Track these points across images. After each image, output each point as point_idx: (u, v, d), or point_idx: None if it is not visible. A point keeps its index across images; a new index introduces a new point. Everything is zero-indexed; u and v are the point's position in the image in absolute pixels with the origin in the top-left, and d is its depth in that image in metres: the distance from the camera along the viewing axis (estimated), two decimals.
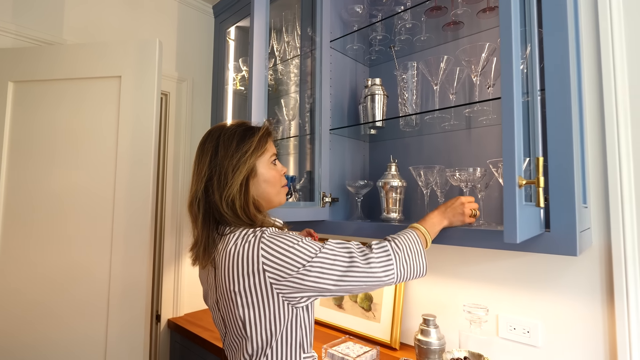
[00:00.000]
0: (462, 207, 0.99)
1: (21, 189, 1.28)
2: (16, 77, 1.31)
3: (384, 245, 0.85)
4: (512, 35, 0.67)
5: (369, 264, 0.81)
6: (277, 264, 0.79)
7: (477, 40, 1.30)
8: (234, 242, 0.82)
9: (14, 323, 1.24)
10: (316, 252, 0.80)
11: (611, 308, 1.04)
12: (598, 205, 1.08)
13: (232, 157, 0.87)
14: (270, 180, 0.92)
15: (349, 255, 0.82)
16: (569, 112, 0.83)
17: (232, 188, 0.85)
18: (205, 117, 2.04)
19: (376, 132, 1.50)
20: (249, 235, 0.82)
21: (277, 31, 1.75)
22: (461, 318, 1.31)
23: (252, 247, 0.80)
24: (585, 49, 1.12)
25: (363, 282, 0.81)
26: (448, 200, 1.03)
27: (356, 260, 0.81)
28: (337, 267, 0.80)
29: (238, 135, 0.89)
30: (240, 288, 0.81)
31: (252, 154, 0.88)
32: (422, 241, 0.91)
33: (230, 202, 0.85)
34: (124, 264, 1.22)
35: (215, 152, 0.88)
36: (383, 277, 0.82)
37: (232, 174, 0.86)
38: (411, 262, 0.86)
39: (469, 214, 0.99)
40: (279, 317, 0.83)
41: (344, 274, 0.80)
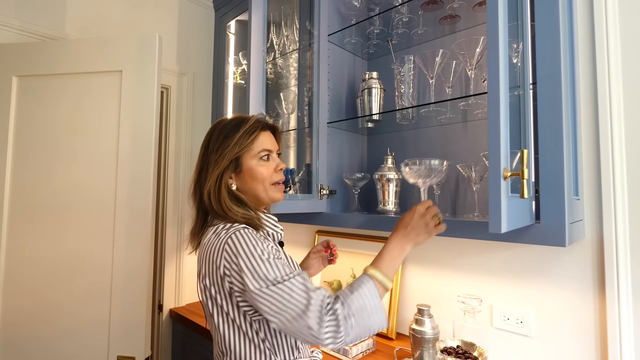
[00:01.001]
0: (422, 220, 0.86)
1: (26, 182, 1.31)
2: (20, 71, 1.34)
3: (336, 314, 0.73)
4: (499, 28, 0.68)
5: (319, 329, 0.71)
6: (234, 273, 0.77)
7: (473, 33, 1.30)
8: (209, 237, 0.84)
9: (19, 314, 1.28)
10: (271, 282, 0.74)
11: (602, 298, 1.06)
12: (591, 198, 1.09)
13: (217, 152, 0.89)
14: (256, 177, 0.90)
15: (305, 305, 0.72)
16: (559, 106, 0.85)
17: (210, 182, 0.88)
18: (206, 111, 2.06)
19: (373, 126, 1.52)
20: (222, 231, 0.82)
21: (277, 25, 1.76)
22: (456, 308, 1.33)
23: (218, 246, 0.80)
24: (580, 42, 1.12)
25: (307, 339, 0.73)
26: (404, 215, 0.89)
27: (309, 317, 0.71)
28: (287, 310, 0.72)
29: (227, 129, 0.91)
30: (207, 281, 0.82)
31: (232, 149, 0.88)
32: (381, 291, 0.79)
33: (207, 195, 0.88)
34: (125, 255, 1.25)
35: (207, 146, 0.92)
36: (328, 345, 0.72)
37: (212, 167, 0.88)
38: (365, 324, 0.75)
39: (434, 224, 0.88)
40: (243, 320, 0.82)
41: (291, 320, 0.72)
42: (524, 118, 0.90)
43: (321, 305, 0.72)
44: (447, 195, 1.37)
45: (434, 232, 0.87)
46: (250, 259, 0.76)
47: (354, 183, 1.44)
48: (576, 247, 1.11)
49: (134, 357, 1.22)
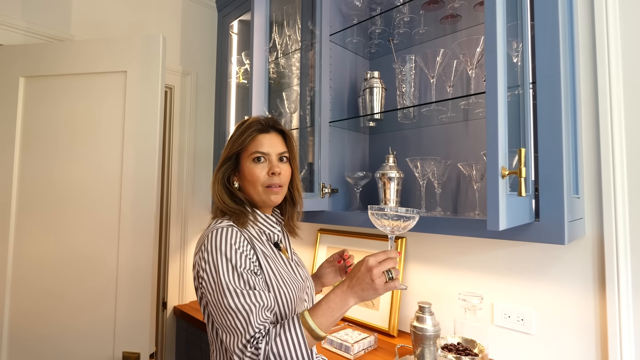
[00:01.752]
0: (368, 275, 0.76)
1: (33, 180, 1.34)
2: (27, 72, 1.36)
3: (258, 352, 0.72)
4: (497, 28, 0.69)
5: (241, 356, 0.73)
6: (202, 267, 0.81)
7: (474, 33, 1.31)
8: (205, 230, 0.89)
9: (27, 311, 1.31)
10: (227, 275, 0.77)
11: (603, 296, 1.07)
12: (591, 196, 1.10)
13: (224, 148, 0.96)
14: (247, 178, 0.91)
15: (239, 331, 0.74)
16: (558, 105, 0.85)
17: (213, 180, 0.94)
18: (209, 110, 2.08)
19: (375, 125, 1.53)
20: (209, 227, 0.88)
21: (279, 25, 1.77)
22: (457, 306, 1.34)
23: (200, 242, 0.85)
24: (581, 40, 1.13)
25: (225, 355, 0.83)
26: (356, 264, 0.81)
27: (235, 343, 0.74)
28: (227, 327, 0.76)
29: (240, 128, 0.95)
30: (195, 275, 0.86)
31: (230, 146, 0.93)
32: (310, 340, 0.75)
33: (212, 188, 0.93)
34: (130, 253, 1.27)
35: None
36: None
37: (219, 161, 0.95)
38: None
39: (384, 280, 0.77)
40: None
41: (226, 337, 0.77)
42: (524, 117, 0.91)
43: (250, 339, 0.73)
44: (448, 193, 1.38)
45: (382, 290, 0.76)
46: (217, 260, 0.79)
47: (356, 182, 1.45)
48: (576, 245, 1.12)
49: (139, 353, 1.24)
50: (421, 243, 1.47)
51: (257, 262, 0.85)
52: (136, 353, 1.24)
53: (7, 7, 1.40)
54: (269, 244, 0.94)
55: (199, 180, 2.01)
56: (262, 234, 0.94)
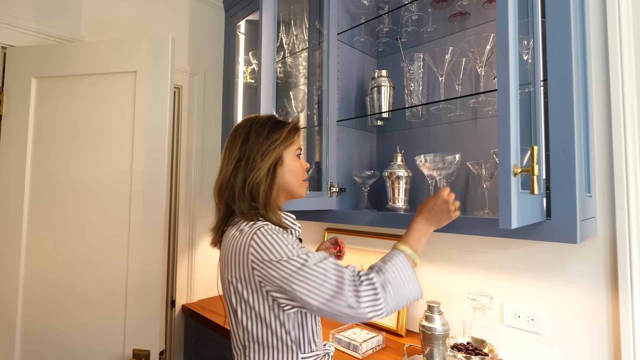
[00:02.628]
0: (446, 205, 0.92)
1: (44, 179, 1.35)
2: (39, 73, 1.38)
3: (372, 282, 0.77)
4: (508, 25, 0.68)
5: (357, 300, 0.75)
6: (264, 264, 0.79)
7: (483, 31, 1.30)
8: (233, 233, 0.86)
9: (40, 306, 1.32)
10: (304, 263, 0.78)
11: (615, 297, 1.05)
12: (603, 195, 1.09)
13: (262, 144, 0.91)
14: (294, 171, 0.95)
15: (339, 282, 0.76)
16: (570, 103, 0.84)
17: (259, 171, 0.89)
18: (217, 110, 2.09)
19: (383, 124, 1.53)
20: (246, 227, 0.85)
21: (286, 24, 1.77)
22: (466, 306, 1.34)
23: (244, 241, 0.82)
24: (593, 37, 1.11)
25: (348, 315, 0.76)
26: (427, 200, 0.95)
27: (345, 292, 0.75)
28: (324, 289, 0.76)
29: (269, 125, 0.94)
30: (233, 277, 0.84)
31: (281, 143, 0.92)
32: (411, 264, 0.85)
33: (255, 185, 0.89)
34: (140, 251, 1.28)
35: (247, 138, 0.92)
36: (369, 314, 0.76)
37: (261, 158, 0.90)
38: (402, 293, 0.79)
39: (454, 209, 0.93)
40: (269, 314, 0.84)
41: (330, 299, 0.76)
42: (535, 115, 0.90)
43: (354, 279, 0.77)
44: (457, 192, 1.37)
45: (453, 217, 0.94)
46: (278, 248, 0.79)
47: (364, 181, 1.45)
48: (588, 245, 1.10)
49: (149, 351, 1.25)
50: (430, 242, 1.46)
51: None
52: (146, 350, 1.25)
53: (20, 9, 1.42)
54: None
55: (207, 180, 2.02)
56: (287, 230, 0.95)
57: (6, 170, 1.37)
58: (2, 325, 1.33)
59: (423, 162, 1.19)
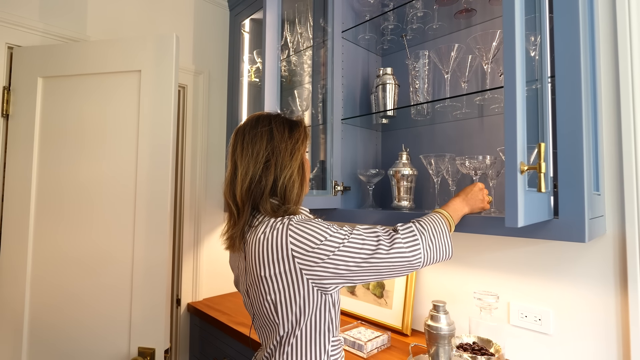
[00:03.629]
0: (481, 193, 1.03)
1: (51, 179, 1.36)
2: (44, 73, 1.39)
3: (410, 227, 0.88)
4: (515, 21, 0.67)
5: (395, 245, 0.83)
6: (306, 250, 0.81)
7: (490, 27, 1.29)
8: (263, 230, 0.85)
9: (45, 305, 1.33)
10: (344, 238, 0.82)
11: (625, 297, 1.04)
12: (612, 193, 1.07)
13: (287, 143, 0.91)
14: (307, 170, 0.98)
15: (376, 238, 0.84)
16: (578, 99, 0.83)
17: (291, 170, 0.90)
18: (221, 109, 2.09)
19: (388, 122, 1.51)
20: (277, 223, 0.84)
21: (291, 23, 1.77)
22: (472, 305, 1.32)
23: (280, 235, 0.82)
24: (602, 32, 1.09)
25: (391, 263, 0.83)
26: (465, 187, 1.05)
27: (382, 242, 0.83)
28: (364, 251, 0.82)
29: (288, 124, 0.94)
30: (270, 274, 0.83)
31: (302, 142, 0.94)
32: (447, 224, 0.93)
33: (290, 184, 0.90)
34: (145, 250, 1.29)
35: (271, 136, 0.90)
36: (410, 258, 0.83)
37: (290, 157, 0.90)
38: (437, 242, 0.88)
39: (487, 200, 1.04)
40: (309, 301, 0.85)
41: (370, 256, 0.82)
42: (542, 112, 0.89)
43: (387, 231, 0.87)
44: None
45: (486, 206, 1.04)
46: (318, 233, 0.82)
47: (368, 179, 1.44)
48: (597, 244, 1.09)
49: (154, 349, 1.26)
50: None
51: None
52: (151, 348, 1.26)
53: (26, 9, 1.44)
54: None
55: (212, 179, 2.03)
56: None
57: (14, 170, 1.39)
58: (10, 326, 1.35)
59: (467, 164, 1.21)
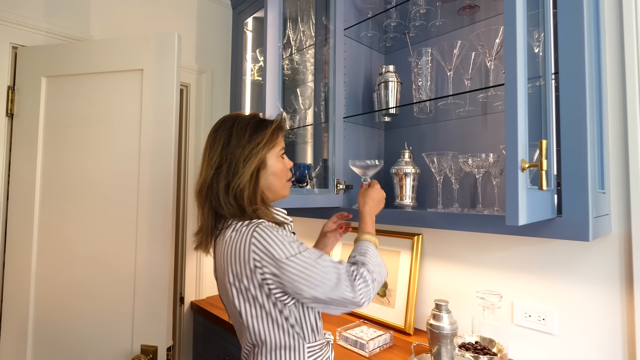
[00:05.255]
0: (382, 197, 1.08)
1: (54, 176, 1.37)
2: (48, 72, 1.40)
3: (363, 276, 0.83)
4: (516, 16, 0.66)
5: (353, 292, 0.80)
6: (267, 262, 0.80)
7: (493, 24, 1.27)
8: (229, 235, 0.85)
9: (50, 303, 1.35)
10: (304, 261, 0.80)
11: (630, 296, 1.02)
12: (618, 191, 1.05)
13: (245, 147, 0.88)
14: (278, 173, 0.94)
15: (337, 277, 0.81)
16: (582, 96, 0.82)
17: (242, 177, 0.87)
18: (224, 108, 2.09)
19: (390, 120, 1.51)
20: (243, 227, 0.84)
21: (293, 21, 1.76)
22: (475, 305, 1.31)
23: (244, 242, 0.81)
24: (607, 28, 1.08)
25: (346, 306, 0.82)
26: (368, 191, 1.07)
27: (342, 285, 0.80)
28: (324, 285, 0.80)
29: (251, 126, 0.91)
30: (235, 280, 0.83)
31: (264, 146, 0.90)
32: (378, 250, 0.95)
33: (238, 191, 0.87)
34: (148, 248, 1.29)
35: (228, 141, 0.89)
36: (364, 303, 0.82)
37: (244, 163, 0.87)
38: (380, 278, 0.87)
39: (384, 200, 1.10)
40: (274, 308, 0.84)
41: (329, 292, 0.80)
42: (546, 109, 0.87)
43: (348, 275, 0.82)
44: (466, 189, 1.35)
45: (383, 206, 1.10)
46: (280, 246, 0.81)
47: (364, 172, 1.40)
48: (602, 243, 1.07)
49: (156, 347, 1.26)
50: (438, 240, 1.44)
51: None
52: (154, 346, 1.26)
53: (30, 9, 1.45)
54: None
55: None
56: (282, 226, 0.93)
57: (19, 168, 1.40)
58: (15, 321, 1.36)
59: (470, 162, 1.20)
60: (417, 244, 1.47)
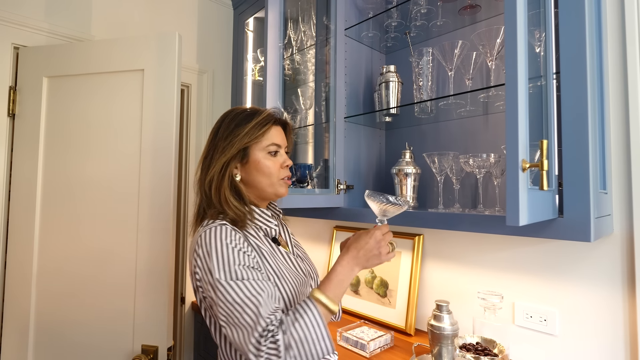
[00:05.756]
0: (378, 247, 0.81)
1: (56, 177, 1.38)
2: (50, 72, 1.40)
3: (276, 343, 0.70)
4: (516, 15, 0.66)
5: (256, 355, 0.69)
6: (201, 271, 0.77)
7: (495, 23, 1.27)
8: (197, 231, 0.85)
9: (52, 303, 1.35)
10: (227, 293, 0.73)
11: (632, 297, 1.02)
12: (620, 192, 1.05)
13: (226, 139, 0.87)
14: (263, 170, 0.88)
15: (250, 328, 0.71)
16: (584, 96, 0.81)
17: (215, 169, 0.85)
18: (225, 108, 2.09)
19: (391, 120, 1.50)
20: (200, 229, 0.83)
21: (294, 21, 1.76)
22: (476, 305, 1.31)
23: (193, 243, 0.82)
24: (609, 27, 1.07)
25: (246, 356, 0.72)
26: (359, 236, 0.83)
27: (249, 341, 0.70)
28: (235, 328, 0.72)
29: (239, 118, 0.89)
30: (192, 277, 0.83)
31: (242, 138, 0.85)
32: (326, 317, 0.75)
33: (209, 182, 0.86)
34: (148, 248, 1.29)
35: (216, 134, 0.90)
36: None
37: (219, 155, 0.86)
38: (307, 354, 0.71)
39: (387, 251, 0.82)
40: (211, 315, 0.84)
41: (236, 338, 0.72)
42: (547, 109, 0.87)
43: (262, 333, 0.70)
44: (467, 190, 1.34)
45: (385, 259, 0.83)
46: (221, 263, 0.75)
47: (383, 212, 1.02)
48: (604, 243, 1.07)
49: (157, 347, 1.26)
50: (439, 240, 1.44)
51: (255, 260, 0.81)
52: (154, 346, 1.26)
53: (31, 10, 1.45)
54: (267, 239, 0.90)
55: None
56: (259, 229, 0.90)
57: (20, 168, 1.40)
58: (17, 321, 1.36)
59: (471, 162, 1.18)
60: (418, 245, 1.46)
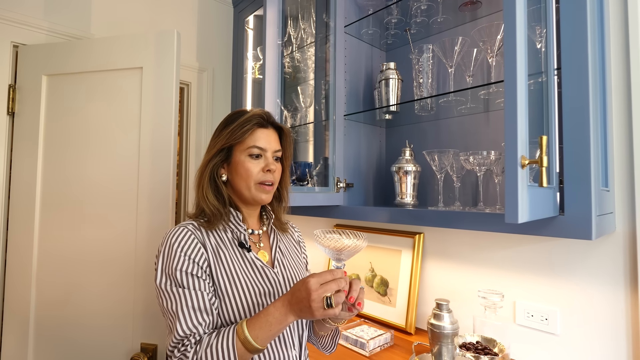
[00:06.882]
0: (308, 299, 0.70)
1: (56, 176, 1.38)
2: (49, 71, 1.40)
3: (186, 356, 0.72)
4: (515, 11, 0.65)
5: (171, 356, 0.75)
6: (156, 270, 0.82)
7: (495, 19, 1.25)
8: None
9: (50, 303, 1.35)
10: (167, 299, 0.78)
11: (635, 296, 1.00)
12: (622, 189, 1.03)
13: (214, 138, 0.91)
14: (240, 172, 0.87)
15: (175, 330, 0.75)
16: (585, 92, 0.80)
17: (201, 165, 0.91)
18: (226, 106, 2.09)
19: (391, 117, 1.49)
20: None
21: (294, 19, 1.75)
22: (476, 304, 1.30)
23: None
24: (612, 22, 1.06)
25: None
26: (300, 281, 0.73)
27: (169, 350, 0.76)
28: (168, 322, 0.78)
29: (231, 118, 0.91)
30: None
31: (225, 137, 0.87)
32: (241, 350, 0.71)
33: (195, 179, 0.91)
34: (147, 247, 1.29)
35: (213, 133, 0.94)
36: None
37: (207, 152, 0.91)
38: None
39: (319, 306, 0.70)
40: None
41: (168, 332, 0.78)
42: (547, 106, 0.86)
43: (176, 343, 0.75)
44: (467, 187, 1.33)
45: (319, 315, 0.70)
46: (164, 264, 0.80)
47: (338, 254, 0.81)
48: (606, 241, 1.05)
49: (156, 345, 1.26)
50: (439, 239, 1.43)
51: (204, 265, 0.81)
52: (153, 344, 1.26)
53: (31, 8, 1.45)
54: (233, 243, 0.88)
55: None
56: (231, 232, 0.89)
57: (20, 165, 1.40)
58: (17, 320, 1.37)
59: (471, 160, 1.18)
60: (418, 243, 1.45)
